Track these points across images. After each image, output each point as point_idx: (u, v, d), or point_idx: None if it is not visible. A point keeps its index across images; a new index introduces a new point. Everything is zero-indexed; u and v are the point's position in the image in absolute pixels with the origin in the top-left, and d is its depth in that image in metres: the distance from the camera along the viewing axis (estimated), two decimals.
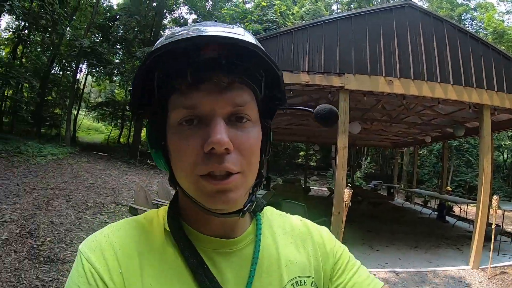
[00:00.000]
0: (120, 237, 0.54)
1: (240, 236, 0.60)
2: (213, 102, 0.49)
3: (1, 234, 5.12)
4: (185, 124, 0.50)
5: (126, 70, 22.22)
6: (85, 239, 0.55)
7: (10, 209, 6.46)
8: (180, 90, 0.49)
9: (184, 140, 0.50)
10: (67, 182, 10.37)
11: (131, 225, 0.57)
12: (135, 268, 0.52)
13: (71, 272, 0.52)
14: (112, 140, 28.23)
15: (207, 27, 0.48)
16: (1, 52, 22.11)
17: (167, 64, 0.49)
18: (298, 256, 0.64)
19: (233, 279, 0.56)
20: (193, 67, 0.48)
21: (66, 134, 19.46)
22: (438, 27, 5.62)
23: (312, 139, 15.00)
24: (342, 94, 5.40)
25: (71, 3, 18.65)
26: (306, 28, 5.55)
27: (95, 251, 0.52)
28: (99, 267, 0.50)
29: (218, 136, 0.47)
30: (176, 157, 0.51)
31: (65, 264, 4.54)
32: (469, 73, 5.54)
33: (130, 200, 8.67)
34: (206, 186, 0.49)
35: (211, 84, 0.49)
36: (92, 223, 6.62)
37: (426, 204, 12.69)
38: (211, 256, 0.56)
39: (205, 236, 0.57)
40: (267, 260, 0.60)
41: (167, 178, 0.60)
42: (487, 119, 5.67)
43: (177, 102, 0.50)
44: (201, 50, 0.49)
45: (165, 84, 0.51)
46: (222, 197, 0.50)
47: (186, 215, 0.58)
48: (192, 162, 0.49)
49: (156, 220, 0.59)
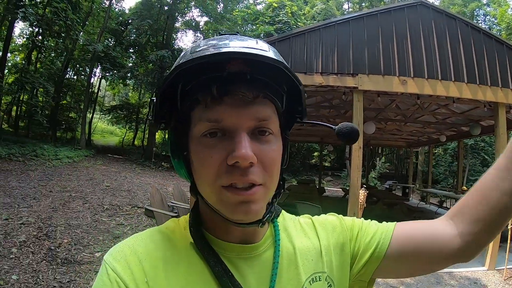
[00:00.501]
0: (145, 247, 0.55)
1: (260, 241, 0.61)
2: (237, 116, 0.50)
3: (19, 236, 5.24)
4: (209, 137, 0.51)
5: (139, 74, 22.51)
6: (110, 249, 0.56)
7: (27, 211, 6.61)
8: (205, 103, 0.51)
9: (208, 152, 0.51)
10: (83, 184, 10.54)
11: (154, 235, 0.58)
12: (161, 277, 0.53)
13: (95, 282, 0.53)
14: (126, 143, 28.63)
15: (233, 41, 0.50)
16: (16, 58, 22.61)
17: (192, 77, 0.51)
18: (312, 251, 0.66)
19: (255, 282, 0.57)
20: (219, 81, 0.49)
21: (81, 137, 19.78)
22: (451, 25, 5.55)
23: (326, 139, 14.96)
24: (356, 95, 5.38)
25: (84, 8, 18.94)
26: (319, 29, 5.53)
27: (120, 261, 0.52)
28: (125, 277, 0.51)
29: (243, 150, 0.48)
30: (199, 167, 0.53)
31: (82, 265, 4.63)
32: (483, 71, 5.45)
33: (146, 202, 8.79)
34: (229, 197, 0.51)
35: (236, 98, 0.50)
36: (108, 225, 6.72)
37: (442, 204, 12.49)
38: (233, 262, 0.57)
39: (226, 243, 0.58)
40: (286, 262, 0.62)
41: (188, 186, 0.61)
42: (502, 117, 5.57)
43: (202, 115, 0.51)
44: (226, 64, 0.50)
45: (189, 96, 0.52)
46: (244, 208, 0.51)
47: (206, 223, 0.60)
48: (215, 173, 0.51)
49: (178, 229, 0.60)
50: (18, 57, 22.58)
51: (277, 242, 0.63)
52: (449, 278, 5.08)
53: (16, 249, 4.77)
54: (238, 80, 0.50)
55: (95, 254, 5.10)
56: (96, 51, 18.25)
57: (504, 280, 5.03)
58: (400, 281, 4.90)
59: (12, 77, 19.27)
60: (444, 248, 0.62)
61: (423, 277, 5.05)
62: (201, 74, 0.50)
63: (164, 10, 21.37)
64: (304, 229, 0.69)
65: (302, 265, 0.63)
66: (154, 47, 22.12)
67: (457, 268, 5.46)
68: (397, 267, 0.66)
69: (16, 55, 22.70)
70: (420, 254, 0.64)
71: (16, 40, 21.84)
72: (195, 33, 25.98)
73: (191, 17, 24.67)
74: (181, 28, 25.71)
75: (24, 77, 16.01)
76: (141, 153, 22.54)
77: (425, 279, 5.00)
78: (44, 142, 16.43)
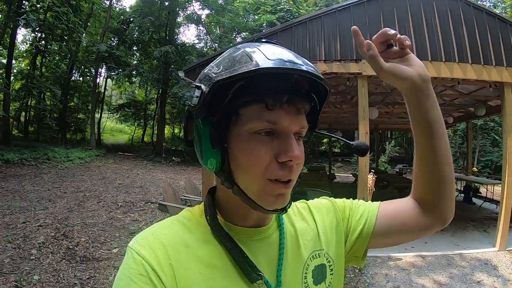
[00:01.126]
0: (167, 234, 0.61)
1: (268, 225, 0.70)
2: (290, 121, 0.58)
3: (38, 238, 5.41)
4: (263, 135, 0.58)
5: (144, 71, 22.58)
6: (133, 238, 0.62)
7: (44, 213, 6.81)
8: (267, 106, 0.56)
9: (262, 148, 0.58)
10: (96, 184, 10.75)
11: (174, 224, 0.64)
12: (183, 259, 0.58)
13: (120, 268, 0.58)
14: (136, 140, 28.93)
15: (298, 59, 0.57)
16: (20, 65, 22.82)
17: (260, 79, 0.55)
18: (310, 232, 0.75)
19: (265, 261, 0.65)
20: (283, 90, 0.57)
21: (91, 138, 20.01)
22: (453, 5, 5.47)
23: (334, 125, 14.84)
24: (360, 80, 5.39)
25: (84, 10, 19.00)
26: (320, 17, 5.52)
27: (144, 246, 0.58)
28: (150, 259, 0.56)
29: (296, 152, 0.57)
30: (246, 160, 0.58)
31: (101, 262, 4.77)
32: (487, 51, 5.38)
33: (159, 198, 8.94)
34: (274, 189, 0.59)
35: (292, 106, 0.58)
36: (124, 221, 6.88)
37: None
38: (246, 243, 0.64)
39: (240, 228, 0.66)
40: (290, 242, 0.71)
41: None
42: (508, 97, 5.51)
43: (260, 114, 0.57)
44: (293, 77, 0.58)
45: (245, 95, 0.57)
46: (281, 198, 0.60)
47: (224, 210, 0.67)
48: (265, 167, 0.58)
49: (193, 218, 0.66)
50: (22, 63, 22.83)
51: (282, 226, 0.71)
52: (460, 260, 5.11)
53: (35, 251, 4.93)
54: (297, 92, 0.59)
55: (113, 251, 5.24)
56: (100, 51, 18.36)
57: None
58: (411, 263, 4.95)
59: (19, 84, 19.54)
60: (420, 220, 0.76)
61: (434, 259, 5.10)
62: (269, 79, 0.56)
63: (164, 5, 21.29)
64: (302, 213, 0.78)
65: (303, 244, 0.72)
66: (158, 43, 22.15)
67: (468, 250, 5.50)
68: (384, 239, 0.78)
69: (21, 61, 22.94)
70: (402, 227, 0.76)
71: (20, 46, 22.07)
72: (197, 26, 25.84)
73: (192, 10, 24.49)
74: (183, 22, 25.63)
75: (31, 82, 16.23)
76: (151, 149, 22.77)
77: (436, 261, 5.05)
78: (54, 145, 16.70)
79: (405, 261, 5.05)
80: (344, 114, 11.70)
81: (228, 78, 0.54)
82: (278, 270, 0.66)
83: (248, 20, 24.69)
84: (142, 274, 0.55)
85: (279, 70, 0.53)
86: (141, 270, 0.55)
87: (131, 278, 0.54)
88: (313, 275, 0.70)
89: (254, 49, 0.56)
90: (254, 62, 0.53)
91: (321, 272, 0.72)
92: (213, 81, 0.55)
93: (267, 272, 0.64)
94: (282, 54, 0.56)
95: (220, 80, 0.54)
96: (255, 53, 0.55)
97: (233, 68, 0.55)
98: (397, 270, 4.75)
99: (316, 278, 0.70)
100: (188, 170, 17.04)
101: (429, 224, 0.76)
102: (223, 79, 0.54)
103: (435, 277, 4.51)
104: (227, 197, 0.66)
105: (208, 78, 0.58)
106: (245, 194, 0.60)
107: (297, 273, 0.69)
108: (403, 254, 5.31)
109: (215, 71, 0.58)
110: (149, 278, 0.54)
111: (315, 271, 0.71)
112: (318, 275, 0.71)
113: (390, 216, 0.77)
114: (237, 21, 22.88)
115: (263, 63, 0.53)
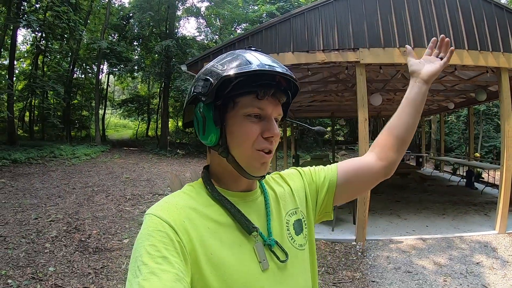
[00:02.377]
0: (178, 201, 0.76)
1: (255, 190, 0.88)
2: (273, 109, 0.80)
3: (51, 232, 5.57)
4: (253, 117, 0.78)
5: (146, 66, 22.63)
6: (148, 209, 0.74)
7: (54, 209, 6.98)
8: (258, 96, 0.76)
9: (253, 126, 0.77)
10: (104, 179, 10.94)
11: (180, 195, 0.80)
12: (194, 218, 0.73)
13: (139, 232, 0.69)
14: (140, 135, 29.06)
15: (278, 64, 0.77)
16: (22, 65, 22.88)
17: (255, 77, 0.75)
18: (286, 194, 0.95)
19: (256, 218, 0.82)
20: (272, 86, 0.77)
21: (96, 134, 20.17)
22: None
23: (337, 113, 14.93)
24: (358, 69, 5.46)
25: (84, 8, 19.00)
26: (317, 8, 5.57)
27: (161, 210, 0.71)
28: (167, 218, 0.69)
29: (276, 130, 0.79)
30: (241, 135, 0.77)
31: (113, 252, 4.94)
32: (483, 37, 5.41)
33: (166, 189, 9.12)
34: (259, 157, 0.78)
35: (275, 98, 0.80)
36: (133, 213, 7.05)
37: (455, 172, 12.51)
38: (239, 205, 0.81)
39: (234, 192, 0.83)
40: (273, 202, 0.89)
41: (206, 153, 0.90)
42: (505, 82, 5.54)
43: (252, 102, 0.77)
44: (277, 77, 0.78)
45: (242, 87, 0.76)
46: (264, 166, 0.80)
47: (218, 180, 0.84)
48: (254, 141, 0.77)
49: (195, 190, 0.82)
50: (24, 64, 22.88)
51: (265, 190, 0.90)
52: (460, 242, 5.22)
53: (49, 244, 5.09)
54: (279, 88, 0.79)
55: (124, 241, 5.41)
56: (101, 48, 18.44)
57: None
58: (412, 246, 5.09)
59: (22, 84, 19.65)
60: (372, 170, 1.00)
61: (435, 242, 5.23)
62: (261, 77, 0.75)
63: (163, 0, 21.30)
64: (277, 181, 0.99)
65: (282, 205, 0.91)
66: (158, 37, 22.18)
67: (468, 233, 5.61)
68: (346, 191, 1.01)
69: (23, 61, 22.99)
70: (358, 178, 1.00)
71: (20, 47, 22.10)
72: (197, 19, 25.85)
73: (191, 3, 24.46)
74: (182, 15, 25.58)
75: (33, 82, 16.32)
76: (156, 143, 22.91)
77: (436, 243, 5.17)
78: (60, 143, 16.88)
79: (406, 244, 5.19)
80: (346, 102, 11.75)
81: (235, 74, 0.72)
82: (267, 224, 0.84)
83: (247, 11, 24.60)
84: (160, 230, 0.67)
85: (270, 72, 0.73)
86: (159, 227, 0.67)
87: (150, 234, 0.66)
88: (294, 227, 0.90)
89: (250, 56, 0.76)
90: (253, 65, 0.73)
91: (299, 225, 0.91)
92: (221, 76, 0.73)
93: (259, 226, 0.80)
94: (267, 60, 0.76)
95: (227, 75, 0.72)
96: (252, 59, 0.75)
97: (237, 68, 0.73)
98: (398, 252, 4.89)
99: (296, 230, 0.90)
100: (193, 162, 17.20)
101: (378, 172, 1.00)
102: (230, 75, 0.72)
103: (435, 258, 4.64)
104: (221, 168, 0.83)
105: (215, 73, 0.75)
106: (237, 162, 0.78)
107: (282, 226, 0.87)
108: (404, 237, 5.44)
109: (220, 68, 0.75)
110: (166, 233, 0.66)
111: (295, 224, 0.90)
112: (297, 228, 0.90)
113: (346, 171, 0.99)
114: (236, 13, 22.83)
115: (259, 66, 0.73)
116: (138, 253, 0.64)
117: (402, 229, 5.90)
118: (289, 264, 0.82)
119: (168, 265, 0.62)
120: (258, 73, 0.73)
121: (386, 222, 6.33)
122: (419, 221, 6.33)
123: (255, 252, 0.77)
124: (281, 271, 0.80)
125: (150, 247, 0.64)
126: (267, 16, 21.84)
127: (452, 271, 4.27)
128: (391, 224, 6.21)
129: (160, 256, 0.62)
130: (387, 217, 6.62)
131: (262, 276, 0.75)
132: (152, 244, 0.64)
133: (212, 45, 21.16)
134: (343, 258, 4.78)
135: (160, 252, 0.63)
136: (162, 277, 0.59)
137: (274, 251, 0.80)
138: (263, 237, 0.80)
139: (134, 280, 0.60)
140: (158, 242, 0.65)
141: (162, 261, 0.62)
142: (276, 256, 0.80)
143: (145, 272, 0.60)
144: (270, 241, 0.80)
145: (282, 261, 0.80)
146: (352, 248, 5.11)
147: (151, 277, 0.59)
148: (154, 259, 0.62)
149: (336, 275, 4.28)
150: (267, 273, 0.76)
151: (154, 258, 0.62)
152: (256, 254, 0.77)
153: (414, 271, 4.26)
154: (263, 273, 0.76)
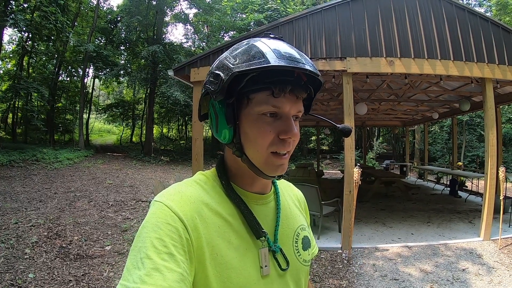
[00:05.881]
0: (192, 192, 0.72)
1: (268, 193, 0.85)
2: (291, 106, 0.72)
3: (31, 237, 5.40)
4: (269, 116, 0.71)
5: (132, 71, 22.45)
6: (158, 195, 0.71)
7: (35, 214, 6.79)
8: (273, 93, 0.68)
9: (268, 127, 0.71)
10: (86, 184, 10.73)
11: (193, 184, 0.76)
12: (205, 214, 0.70)
13: (146, 219, 0.66)
14: (124, 140, 28.77)
15: (301, 57, 0.68)
16: (7, 66, 22.41)
17: (270, 73, 0.67)
18: (297, 210, 0.94)
19: (266, 222, 0.79)
20: (290, 82, 0.69)
21: (80, 138, 19.88)
22: (435, 4, 5.62)
23: (322, 123, 15.04)
24: (345, 77, 5.51)
25: (72, 9, 18.80)
26: (306, 16, 5.62)
27: (173, 200, 0.68)
28: (179, 212, 0.66)
29: (295, 131, 0.71)
30: (255, 136, 0.71)
31: (95, 259, 4.81)
32: (469, 48, 5.55)
33: (149, 196, 8.99)
34: (275, 160, 0.72)
35: (293, 95, 0.71)
36: (115, 220, 6.90)
37: (439, 181, 12.72)
38: (252, 206, 0.78)
39: (248, 193, 0.79)
40: (284, 210, 0.87)
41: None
42: (489, 92, 5.69)
43: (267, 100, 0.69)
44: (295, 72, 0.69)
45: (256, 83, 0.69)
46: (281, 168, 0.74)
47: (233, 176, 0.80)
48: (269, 142, 0.71)
49: (209, 181, 0.78)
50: (9, 64, 22.43)
51: (278, 195, 0.88)
52: (445, 249, 5.27)
53: (29, 250, 4.93)
54: (297, 84, 0.71)
55: (106, 248, 5.28)
56: (88, 51, 18.22)
57: (499, 249, 5.21)
58: (398, 254, 5.11)
59: (6, 85, 19.20)
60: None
61: (420, 249, 5.27)
62: (277, 73, 0.68)
63: (152, 5, 21.20)
64: (290, 194, 0.97)
65: (295, 216, 0.90)
66: (145, 42, 22.04)
67: (453, 240, 5.68)
68: None
69: (8, 62, 22.52)
70: None
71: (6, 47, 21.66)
72: (185, 25, 25.86)
73: (180, 10, 24.44)
74: (170, 21, 25.55)
75: (18, 83, 16.02)
76: (140, 149, 22.72)
77: (422, 251, 5.21)
78: (43, 146, 16.53)
79: (391, 252, 5.21)
80: (331, 111, 11.87)
81: (245, 70, 0.65)
82: (275, 230, 0.81)
83: (235, 19, 24.69)
84: (170, 224, 0.63)
85: (286, 68, 0.65)
86: (169, 220, 0.64)
87: (158, 225, 0.63)
88: (303, 242, 0.88)
89: (265, 47, 0.68)
90: (267, 59, 0.65)
91: (307, 242, 0.90)
92: (232, 71, 0.67)
93: (267, 231, 0.77)
94: (287, 51, 0.68)
95: (238, 72, 0.66)
96: (267, 52, 0.66)
97: (249, 62, 0.66)
98: (384, 260, 4.90)
99: (304, 245, 0.88)
100: (178, 169, 17.05)
101: None
102: (241, 71, 0.66)
103: (421, 266, 4.66)
104: (236, 165, 0.79)
105: (227, 67, 0.68)
106: (251, 163, 0.73)
107: (289, 236, 0.85)
108: (390, 245, 5.47)
109: (232, 62, 0.68)
110: (176, 228, 0.63)
111: (304, 239, 0.89)
112: (306, 244, 0.89)
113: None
114: (224, 20, 22.87)
115: (273, 61, 0.65)
116: (143, 243, 0.61)
117: (387, 237, 5.92)
118: (289, 274, 0.80)
119: (174, 263, 0.60)
120: (272, 69, 0.66)
121: (371, 230, 6.36)
122: (404, 229, 6.37)
123: (259, 257, 0.74)
124: (281, 278, 0.78)
125: (157, 240, 0.61)
126: (255, 25, 21.97)
127: (438, 277, 4.28)
128: (377, 232, 6.24)
129: (166, 253, 0.60)
130: (373, 225, 6.65)
131: (260, 282, 0.73)
132: (159, 237, 0.61)
133: (199, 52, 21.15)
134: (329, 266, 4.76)
135: (167, 248, 0.61)
136: (166, 275, 0.57)
137: (277, 258, 0.78)
138: (269, 242, 0.78)
139: (135, 272, 0.57)
140: (166, 237, 0.62)
141: (168, 258, 0.60)
142: (278, 263, 0.78)
143: (148, 267, 0.57)
144: (275, 247, 0.78)
145: (283, 269, 0.78)
146: (338, 256, 5.10)
147: (154, 274, 0.57)
148: (160, 254, 0.59)
149: (323, 283, 4.25)
150: (266, 279, 0.74)
151: (160, 254, 0.59)
152: (259, 259, 0.74)
153: (400, 279, 4.27)
154: (262, 279, 0.73)
